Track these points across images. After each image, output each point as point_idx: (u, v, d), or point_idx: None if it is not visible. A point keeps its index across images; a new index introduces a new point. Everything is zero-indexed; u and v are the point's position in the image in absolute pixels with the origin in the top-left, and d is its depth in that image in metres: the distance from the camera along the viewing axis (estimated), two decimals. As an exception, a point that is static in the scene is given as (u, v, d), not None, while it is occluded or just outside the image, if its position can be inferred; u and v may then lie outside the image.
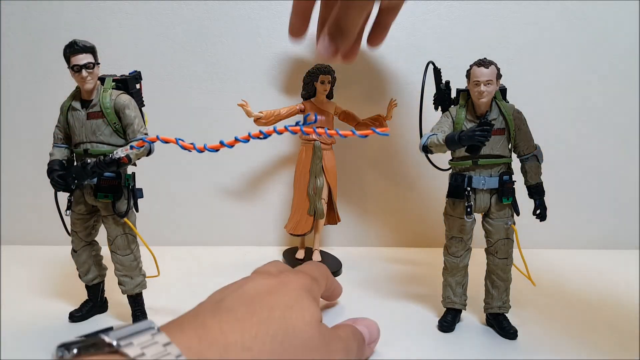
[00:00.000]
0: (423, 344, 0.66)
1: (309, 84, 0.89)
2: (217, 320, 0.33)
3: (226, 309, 0.35)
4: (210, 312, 0.34)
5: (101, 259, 0.75)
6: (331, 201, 0.95)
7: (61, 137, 0.70)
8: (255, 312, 0.35)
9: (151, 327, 0.31)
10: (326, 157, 0.92)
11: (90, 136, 0.67)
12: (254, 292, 0.38)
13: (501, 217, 0.70)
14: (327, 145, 0.92)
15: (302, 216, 0.92)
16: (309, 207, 0.92)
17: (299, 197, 0.93)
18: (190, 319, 0.34)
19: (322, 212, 0.92)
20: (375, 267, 1.00)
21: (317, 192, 0.91)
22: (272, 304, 0.36)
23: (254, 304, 0.36)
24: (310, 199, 0.91)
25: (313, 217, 0.92)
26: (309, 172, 0.91)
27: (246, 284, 0.39)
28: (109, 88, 0.68)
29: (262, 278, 0.41)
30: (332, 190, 0.94)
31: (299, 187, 0.93)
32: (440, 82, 0.73)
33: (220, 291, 0.40)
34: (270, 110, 0.87)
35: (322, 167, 0.91)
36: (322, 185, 0.91)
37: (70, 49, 0.65)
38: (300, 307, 0.37)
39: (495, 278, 0.71)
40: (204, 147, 0.48)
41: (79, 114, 0.68)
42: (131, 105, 0.68)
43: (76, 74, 0.65)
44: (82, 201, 0.70)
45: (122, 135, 0.69)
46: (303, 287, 0.40)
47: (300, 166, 0.93)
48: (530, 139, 0.70)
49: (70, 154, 0.71)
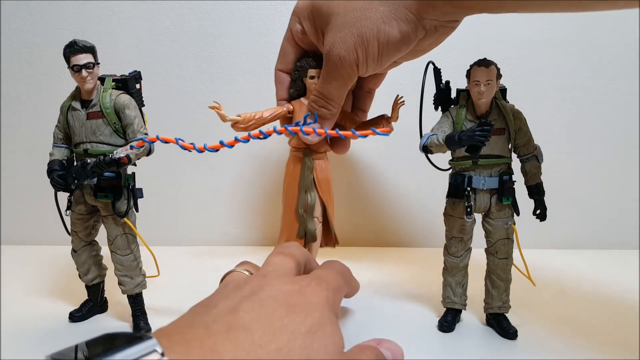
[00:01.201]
0: (423, 344, 0.66)
1: (297, 81, 0.71)
2: (231, 343, 0.29)
3: (242, 327, 0.30)
4: (224, 330, 0.30)
5: (101, 259, 0.75)
6: (327, 220, 0.77)
7: (61, 137, 0.70)
8: (275, 336, 0.30)
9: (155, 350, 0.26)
10: (318, 168, 0.75)
11: (90, 136, 0.67)
12: (273, 304, 0.33)
13: (501, 217, 0.70)
14: (320, 154, 0.75)
15: (291, 238, 0.76)
16: (299, 229, 0.74)
17: (287, 216, 0.76)
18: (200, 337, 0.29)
19: (314, 235, 0.74)
20: (375, 267, 1.00)
21: (308, 210, 0.74)
22: (293, 328, 0.32)
23: (272, 323, 0.31)
24: (299, 218, 0.74)
25: (304, 241, 0.75)
26: (298, 186, 0.74)
27: (262, 289, 0.35)
28: (109, 88, 0.68)
29: (280, 282, 0.36)
30: (327, 207, 0.76)
31: (288, 204, 0.76)
32: (440, 82, 0.73)
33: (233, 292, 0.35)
34: (249, 113, 0.70)
35: (313, 179, 0.74)
36: (313, 202, 0.74)
37: (70, 49, 0.65)
38: (323, 335, 0.32)
39: (495, 278, 0.71)
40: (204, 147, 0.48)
41: (78, 114, 0.68)
42: (131, 105, 0.68)
43: (76, 74, 0.65)
44: (82, 201, 0.70)
45: (122, 135, 0.69)
46: (326, 304, 0.35)
47: (288, 179, 0.77)
48: (530, 139, 0.70)
49: (70, 154, 0.71)
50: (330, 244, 0.80)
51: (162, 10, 1.06)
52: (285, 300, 0.34)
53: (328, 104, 0.60)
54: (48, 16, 1.05)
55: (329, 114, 0.61)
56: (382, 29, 0.52)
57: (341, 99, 0.60)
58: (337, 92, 0.59)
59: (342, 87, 0.59)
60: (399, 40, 0.53)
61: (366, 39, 0.53)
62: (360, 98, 0.73)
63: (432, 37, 0.55)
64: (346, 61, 0.55)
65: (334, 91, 0.59)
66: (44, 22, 1.06)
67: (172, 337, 0.29)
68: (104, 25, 1.06)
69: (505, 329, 0.69)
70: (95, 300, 0.74)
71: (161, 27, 1.07)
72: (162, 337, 0.28)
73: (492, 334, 0.69)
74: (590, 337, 0.68)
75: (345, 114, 0.72)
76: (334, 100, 0.60)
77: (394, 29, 0.52)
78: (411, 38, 0.53)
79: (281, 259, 0.41)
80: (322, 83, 0.59)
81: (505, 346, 0.66)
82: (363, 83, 0.70)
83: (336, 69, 0.56)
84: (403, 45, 0.54)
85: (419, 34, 0.53)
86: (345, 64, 0.55)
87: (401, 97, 0.73)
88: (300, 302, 0.34)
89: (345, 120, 0.72)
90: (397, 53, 0.55)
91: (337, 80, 0.57)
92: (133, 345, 0.26)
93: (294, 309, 0.33)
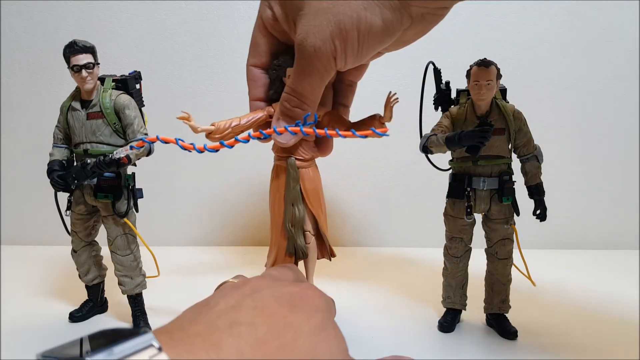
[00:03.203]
0: (423, 344, 0.66)
1: (276, 81, 0.62)
2: (234, 338, 0.28)
3: (246, 323, 0.29)
4: (227, 326, 0.29)
5: (101, 259, 0.75)
6: (320, 233, 0.70)
7: (61, 137, 0.70)
8: (279, 333, 0.29)
9: (151, 344, 0.25)
10: (306, 177, 0.67)
11: (90, 136, 0.67)
12: (275, 303, 0.32)
13: (501, 218, 0.69)
14: (306, 162, 0.67)
15: (280, 255, 0.69)
16: (287, 245, 0.68)
17: (274, 232, 0.69)
18: (202, 333, 0.28)
19: (304, 251, 0.68)
20: (375, 267, 1.00)
21: (297, 224, 0.67)
22: (296, 327, 0.31)
23: (276, 321, 0.30)
24: (287, 234, 0.67)
25: (294, 258, 0.69)
26: (284, 199, 0.67)
27: (264, 287, 0.34)
28: (109, 88, 0.68)
29: (280, 284, 0.35)
30: (318, 220, 0.69)
31: (274, 218, 0.69)
32: (440, 82, 0.73)
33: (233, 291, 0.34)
34: (225, 121, 0.62)
35: (300, 191, 0.66)
36: (302, 215, 0.67)
37: (70, 49, 0.65)
38: (327, 336, 0.31)
39: (495, 278, 0.71)
40: (203, 147, 0.48)
41: (78, 114, 0.68)
42: (131, 106, 0.68)
43: (76, 74, 0.65)
44: (82, 201, 0.70)
45: (122, 135, 0.69)
46: (327, 309, 0.34)
47: (273, 191, 0.69)
48: (530, 139, 0.70)
49: (70, 154, 0.71)
50: (325, 256, 0.73)
51: (162, 10, 1.06)
52: (287, 300, 0.33)
53: (302, 102, 0.53)
54: (48, 16, 1.05)
55: (303, 113, 0.53)
56: (363, 16, 0.45)
57: (316, 96, 0.53)
58: (312, 88, 0.52)
59: (317, 83, 0.52)
60: (381, 29, 0.46)
61: (344, 28, 0.46)
62: (340, 92, 0.65)
63: (419, 27, 0.48)
64: (322, 53, 0.48)
65: (308, 87, 0.52)
66: (44, 22, 1.06)
67: (173, 334, 0.28)
68: (104, 25, 1.06)
69: (505, 329, 0.69)
70: (95, 301, 0.74)
71: (161, 27, 1.07)
72: (163, 334, 0.28)
73: (492, 334, 0.69)
74: (590, 337, 0.68)
75: (333, 115, 0.65)
76: (308, 98, 0.53)
77: (377, 17, 0.45)
78: (395, 27, 0.47)
79: (279, 270, 0.40)
80: (294, 79, 0.52)
81: (505, 346, 0.66)
82: (343, 76, 0.63)
83: (310, 62, 0.49)
84: (386, 36, 0.47)
85: (404, 23, 0.46)
86: (321, 56, 0.48)
87: (394, 94, 0.64)
88: (302, 303, 0.33)
89: (333, 122, 0.64)
90: (379, 44, 0.48)
91: (312, 75, 0.50)
92: (129, 339, 0.25)
93: (296, 309, 0.32)
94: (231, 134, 0.62)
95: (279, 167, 0.67)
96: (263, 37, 0.59)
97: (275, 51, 0.60)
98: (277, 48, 0.60)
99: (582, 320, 0.74)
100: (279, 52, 0.60)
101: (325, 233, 0.70)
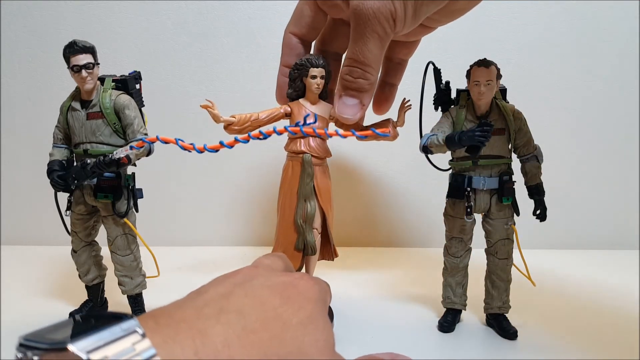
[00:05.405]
0: (423, 344, 0.66)
1: (297, 80, 0.66)
2: (222, 326, 0.28)
3: (235, 311, 0.29)
4: (215, 313, 0.28)
5: (101, 259, 0.75)
6: (326, 232, 0.72)
7: (61, 138, 0.70)
8: (268, 323, 0.29)
9: (135, 331, 0.25)
10: (319, 175, 0.69)
11: (90, 136, 0.67)
12: (267, 292, 0.31)
13: (501, 218, 0.70)
14: (320, 160, 0.69)
15: (287, 251, 0.69)
16: (297, 240, 0.69)
17: (284, 227, 0.70)
18: (189, 319, 0.28)
19: (313, 247, 0.69)
20: (375, 267, 1.00)
21: (308, 220, 0.68)
22: (285, 318, 0.30)
23: (266, 311, 0.30)
24: (298, 229, 0.69)
25: (302, 254, 0.70)
26: (297, 194, 0.69)
27: (255, 276, 0.33)
28: (109, 88, 0.68)
29: (272, 274, 0.34)
30: (327, 217, 0.71)
31: (284, 214, 0.70)
32: (440, 82, 0.73)
33: (224, 280, 0.33)
34: (245, 114, 0.66)
35: (313, 187, 0.68)
36: (313, 211, 0.68)
37: (70, 49, 0.65)
38: (314, 328, 0.31)
39: (495, 278, 0.71)
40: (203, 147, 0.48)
41: (78, 114, 0.68)
42: (131, 106, 0.68)
43: (76, 74, 0.65)
44: (82, 201, 0.70)
45: (121, 135, 0.69)
46: (319, 299, 0.34)
47: (285, 186, 0.70)
48: (530, 139, 0.70)
49: (70, 154, 0.71)
50: (328, 257, 0.75)
51: (162, 10, 1.06)
52: (279, 291, 0.32)
53: (365, 71, 0.50)
54: (48, 16, 1.05)
55: (367, 83, 0.51)
56: None
57: (378, 63, 0.50)
58: (373, 55, 0.49)
59: (378, 49, 0.49)
60: None
61: None
62: (390, 71, 0.63)
63: None
64: (382, 14, 0.46)
65: (369, 54, 0.49)
66: (44, 22, 1.06)
67: (159, 319, 0.28)
68: (104, 25, 1.06)
69: (505, 329, 0.69)
70: (95, 301, 0.74)
71: (161, 27, 1.07)
72: (149, 318, 0.27)
73: (492, 334, 0.69)
74: (590, 337, 0.68)
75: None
76: (370, 65, 0.50)
77: None
78: None
79: (270, 259, 0.40)
80: (353, 47, 0.49)
81: (505, 346, 0.66)
82: (393, 53, 0.62)
83: (370, 26, 0.47)
84: None
85: None
86: (381, 18, 0.46)
87: (408, 100, 0.69)
88: (293, 294, 0.33)
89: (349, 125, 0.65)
90: (435, 4, 0.47)
91: (372, 39, 0.48)
92: (112, 325, 0.25)
93: (287, 300, 0.32)
94: (250, 128, 0.65)
95: (295, 163, 0.69)
96: (309, 9, 0.57)
97: (317, 26, 0.59)
98: (320, 23, 0.59)
99: (582, 320, 0.74)
100: (320, 28, 0.60)
101: (331, 232, 0.72)
